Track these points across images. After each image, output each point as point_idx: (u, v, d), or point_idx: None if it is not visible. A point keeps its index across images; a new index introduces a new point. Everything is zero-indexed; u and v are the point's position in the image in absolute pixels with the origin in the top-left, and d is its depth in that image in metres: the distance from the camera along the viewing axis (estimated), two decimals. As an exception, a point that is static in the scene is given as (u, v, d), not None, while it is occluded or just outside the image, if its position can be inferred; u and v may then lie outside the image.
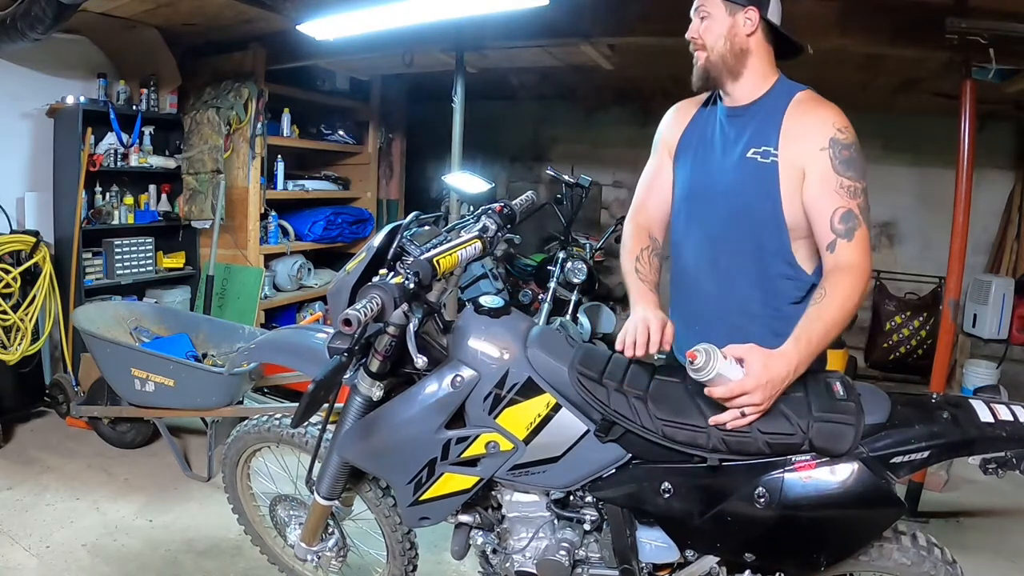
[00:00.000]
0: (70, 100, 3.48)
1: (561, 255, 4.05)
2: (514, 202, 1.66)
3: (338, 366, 1.21)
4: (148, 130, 3.82)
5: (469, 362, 1.41)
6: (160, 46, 3.70)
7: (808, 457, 1.25)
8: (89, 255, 3.59)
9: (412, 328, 1.33)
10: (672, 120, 1.68)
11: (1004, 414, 1.23)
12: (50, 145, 3.56)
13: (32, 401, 3.39)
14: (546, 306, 3.96)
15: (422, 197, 5.76)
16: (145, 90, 3.80)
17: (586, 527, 1.48)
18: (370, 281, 1.28)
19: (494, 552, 1.57)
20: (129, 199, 3.76)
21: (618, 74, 4.06)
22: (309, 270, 4.61)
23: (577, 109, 5.64)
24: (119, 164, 3.64)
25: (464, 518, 1.57)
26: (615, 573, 1.45)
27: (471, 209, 2.12)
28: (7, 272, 3.15)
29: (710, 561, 1.39)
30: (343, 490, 1.69)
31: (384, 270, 1.35)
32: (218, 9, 3.30)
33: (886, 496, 1.22)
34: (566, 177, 4.12)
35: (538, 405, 1.39)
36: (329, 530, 1.82)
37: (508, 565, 1.54)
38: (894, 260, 4.85)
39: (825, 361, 1.55)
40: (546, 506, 1.50)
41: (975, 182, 2.62)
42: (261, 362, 2.64)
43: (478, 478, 1.45)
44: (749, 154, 1.45)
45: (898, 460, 1.22)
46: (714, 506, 1.30)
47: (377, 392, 1.46)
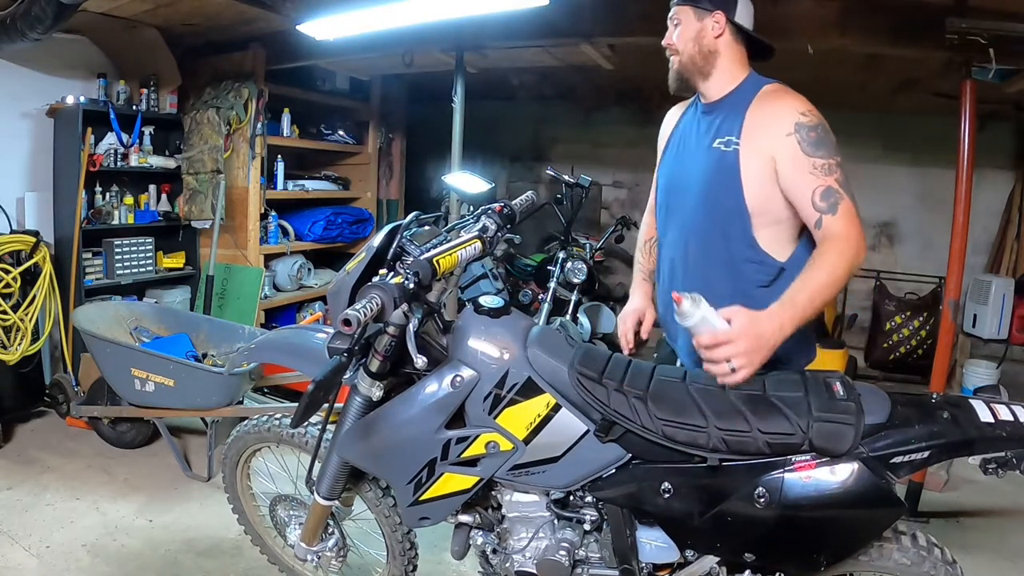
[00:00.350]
0: (70, 100, 3.48)
1: (561, 255, 4.05)
2: (514, 202, 1.67)
3: (338, 366, 1.21)
4: (148, 130, 3.82)
5: (469, 362, 1.41)
6: (160, 46, 3.70)
7: (808, 457, 1.25)
8: (89, 255, 3.58)
9: (412, 328, 1.33)
10: (666, 121, 1.80)
11: (1004, 414, 1.23)
12: (50, 145, 3.56)
13: (32, 401, 3.39)
14: (546, 306, 3.96)
15: (422, 197, 5.76)
16: (145, 90, 3.80)
17: (586, 527, 1.48)
18: (370, 281, 1.28)
19: (494, 552, 1.57)
20: (129, 199, 3.76)
21: (618, 74, 4.06)
22: (309, 270, 4.61)
23: (577, 109, 5.64)
24: (119, 164, 3.64)
25: (464, 518, 1.57)
26: (615, 573, 1.45)
27: (471, 209, 2.12)
28: (7, 272, 3.15)
29: (710, 561, 1.39)
30: (343, 490, 1.69)
31: (384, 270, 1.35)
32: (218, 9, 3.29)
33: (886, 496, 1.22)
34: (566, 177, 4.13)
35: (538, 405, 1.39)
36: (329, 530, 1.82)
37: (508, 565, 1.54)
38: (894, 260, 4.86)
39: (813, 356, 1.63)
40: (546, 506, 1.50)
41: (975, 182, 2.61)
42: (261, 362, 2.64)
43: (478, 478, 1.45)
44: (714, 145, 1.53)
45: (898, 460, 1.22)
46: (714, 506, 1.30)
47: (377, 392, 1.46)
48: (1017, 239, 4.32)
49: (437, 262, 1.31)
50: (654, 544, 1.43)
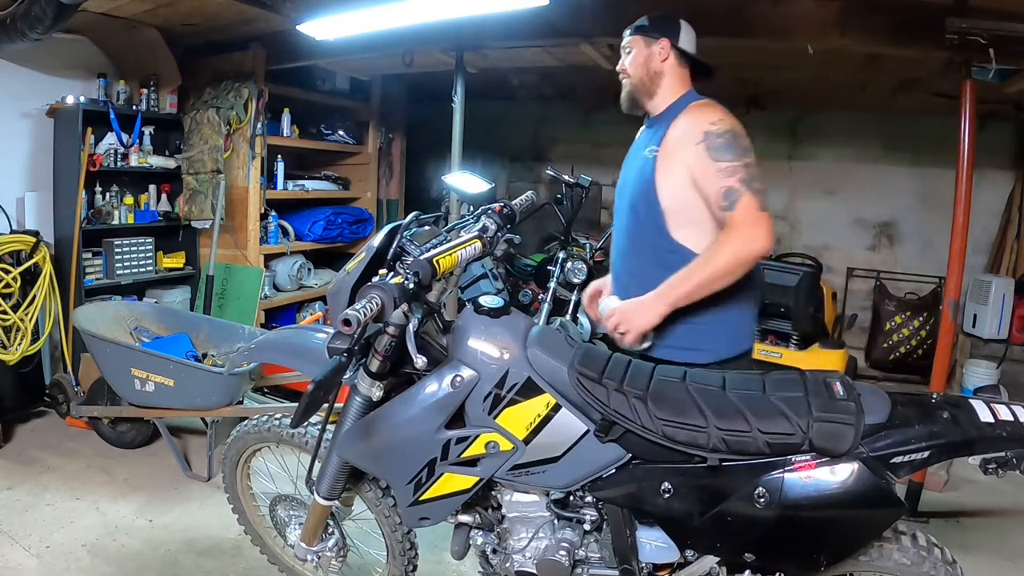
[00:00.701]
0: (70, 100, 3.48)
1: (561, 255, 4.04)
2: (514, 202, 1.68)
3: (338, 366, 1.20)
4: (148, 130, 3.82)
5: (469, 362, 1.41)
6: (160, 46, 3.70)
7: (808, 457, 1.25)
8: (89, 255, 3.59)
9: (412, 328, 1.33)
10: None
11: (1004, 414, 1.22)
12: (50, 145, 3.56)
13: (32, 401, 3.39)
14: (546, 306, 3.96)
15: (422, 197, 5.75)
16: (145, 90, 3.80)
17: (586, 527, 1.48)
18: (370, 281, 1.28)
19: (494, 552, 1.57)
20: (129, 199, 3.76)
21: (618, 74, 4.06)
22: (309, 270, 4.61)
23: (577, 109, 5.64)
24: (119, 164, 3.64)
25: (464, 518, 1.57)
26: (615, 573, 1.45)
27: (471, 209, 2.12)
28: (7, 272, 3.15)
29: (710, 561, 1.39)
30: (343, 490, 1.69)
31: (384, 270, 1.35)
32: (218, 9, 3.29)
33: (886, 496, 1.22)
34: (566, 177, 4.12)
35: (538, 405, 1.39)
36: (329, 530, 1.82)
37: (508, 565, 1.54)
38: (894, 260, 4.86)
39: (747, 346, 1.78)
40: (546, 506, 1.50)
41: (975, 182, 2.61)
42: (261, 362, 2.64)
43: (478, 478, 1.45)
44: (645, 152, 1.74)
45: (898, 460, 1.22)
46: (714, 506, 1.30)
47: (377, 392, 1.46)
48: (1017, 239, 4.32)
49: (437, 262, 1.31)
50: (654, 544, 1.43)
